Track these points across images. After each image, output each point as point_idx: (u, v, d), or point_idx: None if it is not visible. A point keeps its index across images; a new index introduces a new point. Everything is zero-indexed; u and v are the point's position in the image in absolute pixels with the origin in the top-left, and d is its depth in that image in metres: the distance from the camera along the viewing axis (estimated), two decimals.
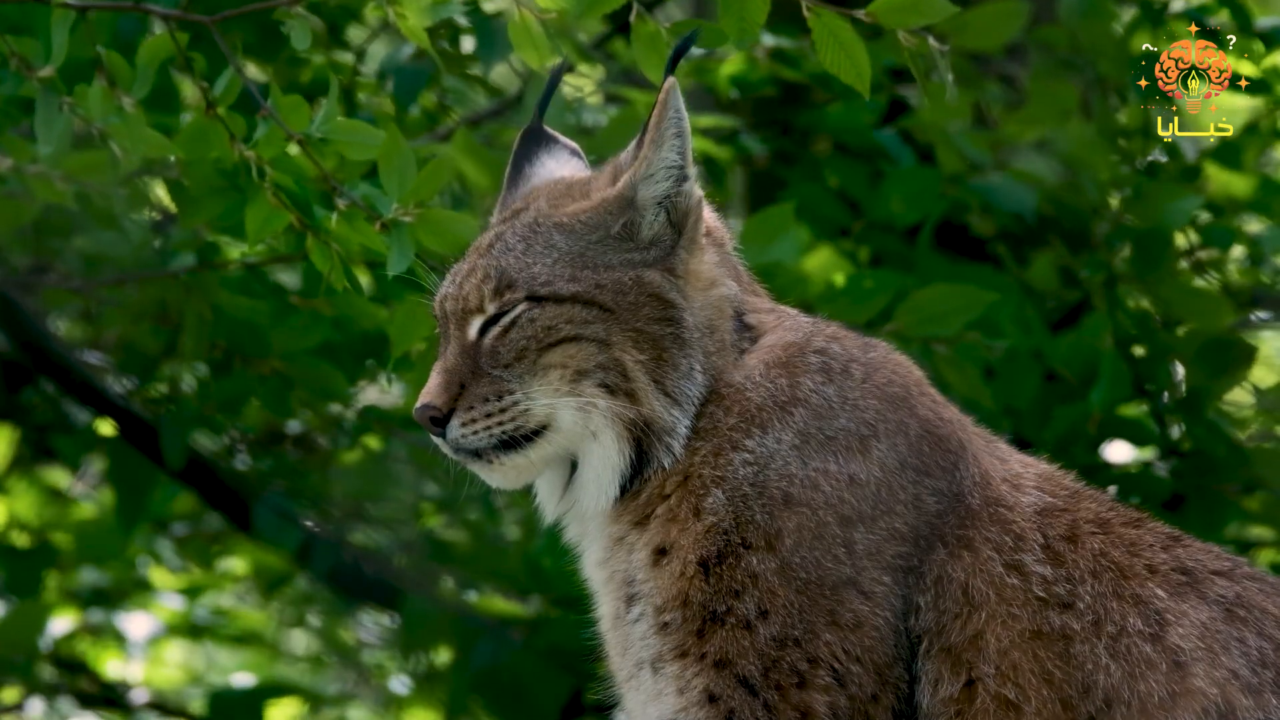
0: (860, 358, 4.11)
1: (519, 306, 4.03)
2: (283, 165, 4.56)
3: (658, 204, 4.08)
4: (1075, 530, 4.05)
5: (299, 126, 4.53)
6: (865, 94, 4.44)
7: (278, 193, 4.55)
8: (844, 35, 4.42)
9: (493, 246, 4.09)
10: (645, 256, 4.07)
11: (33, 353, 6.78)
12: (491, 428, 4.03)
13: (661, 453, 4.03)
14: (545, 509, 4.18)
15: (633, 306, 4.04)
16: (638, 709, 4.07)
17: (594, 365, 4.02)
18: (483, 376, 4.03)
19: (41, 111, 4.60)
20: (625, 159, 4.13)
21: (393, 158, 4.45)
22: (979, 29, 6.66)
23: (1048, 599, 3.99)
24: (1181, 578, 4.03)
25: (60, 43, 4.55)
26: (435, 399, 4.03)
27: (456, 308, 4.07)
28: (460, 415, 4.03)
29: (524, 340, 4.02)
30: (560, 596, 6.70)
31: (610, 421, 4.03)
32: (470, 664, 6.82)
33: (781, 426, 4.02)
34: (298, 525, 6.90)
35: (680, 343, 4.05)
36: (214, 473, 6.95)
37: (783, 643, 3.94)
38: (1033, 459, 4.20)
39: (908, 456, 4.04)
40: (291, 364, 6.15)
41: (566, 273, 4.04)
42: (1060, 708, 3.95)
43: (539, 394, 4.03)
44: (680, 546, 4.00)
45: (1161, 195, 6.45)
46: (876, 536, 3.99)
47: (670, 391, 4.04)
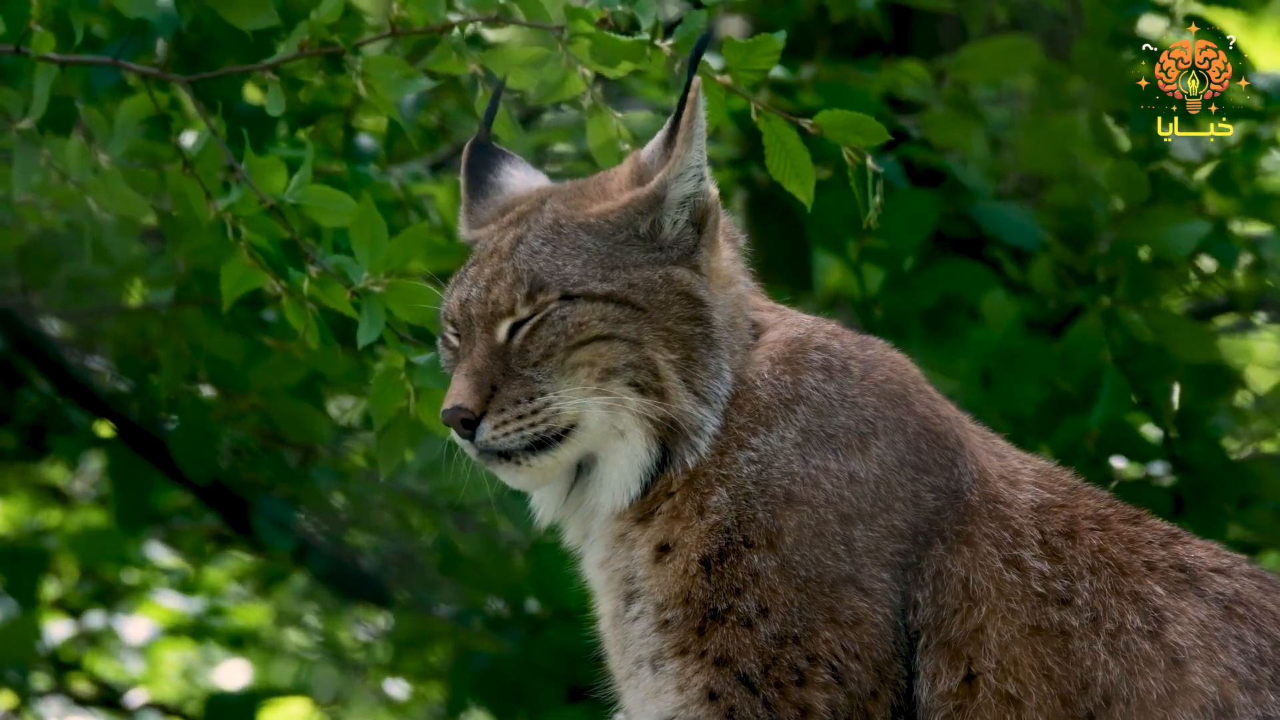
0: (859, 355, 4.12)
1: (550, 306, 4.01)
2: (257, 226, 4.57)
3: (681, 203, 4.09)
4: (1073, 526, 4.06)
5: (275, 188, 4.54)
6: (808, 202, 4.46)
7: (253, 253, 4.56)
8: (790, 141, 4.44)
9: (515, 250, 4.07)
10: (669, 255, 4.07)
11: (29, 354, 6.78)
12: (523, 429, 4.01)
13: (686, 452, 4.03)
14: (543, 511, 4.16)
15: (664, 305, 4.03)
16: (636, 707, 4.07)
17: (624, 364, 4.01)
18: (513, 378, 4.01)
19: (19, 161, 4.62)
20: (647, 158, 4.13)
21: (365, 227, 4.46)
22: (988, 63, 6.69)
23: (1046, 595, 3.99)
24: (1180, 575, 4.04)
25: (41, 95, 4.56)
26: (467, 401, 4.00)
27: (484, 311, 4.04)
28: (492, 417, 4.00)
29: (553, 337, 4.00)
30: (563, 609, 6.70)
31: (639, 420, 4.02)
32: (469, 665, 6.83)
33: (785, 425, 4.03)
34: (294, 530, 6.90)
35: (709, 342, 4.05)
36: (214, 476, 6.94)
37: (782, 640, 3.94)
38: (1030, 456, 4.21)
39: (906, 454, 4.05)
40: (270, 401, 6.16)
41: (598, 272, 4.02)
42: (1059, 703, 3.95)
43: (569, 393, 4.01)
44: (684, 544, 4.00)
45: (1164, 219, 6.45)
46: (875, 534, 3.99)
47: (699, 390, 4.03)
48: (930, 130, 6.63)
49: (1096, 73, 6.57)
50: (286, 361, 5.83)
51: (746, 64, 4.44)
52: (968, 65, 6.71)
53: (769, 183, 6.61)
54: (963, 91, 6.73)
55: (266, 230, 4.57)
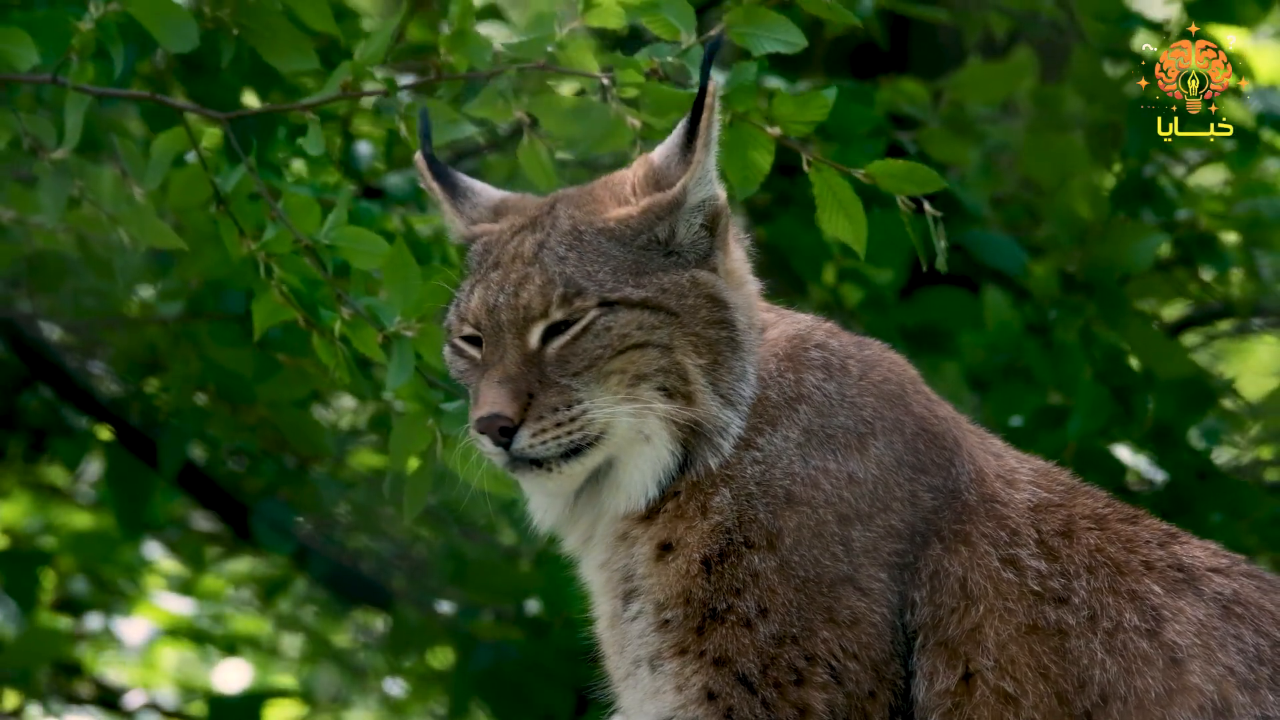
0: (857, 354, 4.13)
1: (591, 313, 4.00)
2: (290, 265, 4.56)
3: (697, 207, 4.09)
4: (1071, 526, 4.06)
5: (309, 228, 4.53)
6: (861, 253, 4.44)
7: (285, 290, 4.56)
8: (843, 194, 4.43)
9: (539, 255, 4.05)
10: (686, 259, 4.07)
11: (28, 358, 6.79)
12: (560, 437, 3.98)
13: (710, 454, 4.02)
14: (545, 517, 4.15)
15: (693, 309, 4.03)
16: (634, 707, 4.07)
17: (655, 370, 4.00)
18: (550, 386, 3.98)
19: (51, 190, 4.60)
20: (662, 162, 4.12)
21: (397, 270, 4.44)
22: (984, 85, 6.70)
23: (1043, 593, 4.00)
24: (1178, 574, 4.04)
25: (75, 125, 4.54)
26: (506, 409, 3.97)
27: (515, 316, 4.01)
28: (530, 425, 3.97)
29: (599, 349, 3.99)
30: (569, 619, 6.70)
31: (664, 424, 4.01)
32: (470, 666, 6.83)
33: (789, 424, 4.04)
34: (294, 536, 6.90)
35: (734, 345, 4.05)
36: (213, 480, 6.95)
37: (781, 640, 3.95)
38: (1027, 455, 4.21)
39: (904, 454, 4.05)
40: (278, 414, 6.15)
41: (630, 279, 4.02)
42: (1056, 702, 3.95)
43: (603, 401, 3.99)
44: (686, 544, 4.00)
45: (1124, 234, 6.47)
46: (873, 534, 4.00)
47: (724, 393, 4.03)
48: (927, 146, 6.65)
49: (1091, 87, 6.59)
50: (296, 375, 5.83)
51: (798, 116, 4.42)
52: (965, 86, 6.73)
53: (769, 201, 6.65)
54: (959, 110, 6.75)
55: (299, 270, 4.56)
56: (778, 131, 4.43)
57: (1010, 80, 6.74)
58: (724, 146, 4.28)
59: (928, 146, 6.63)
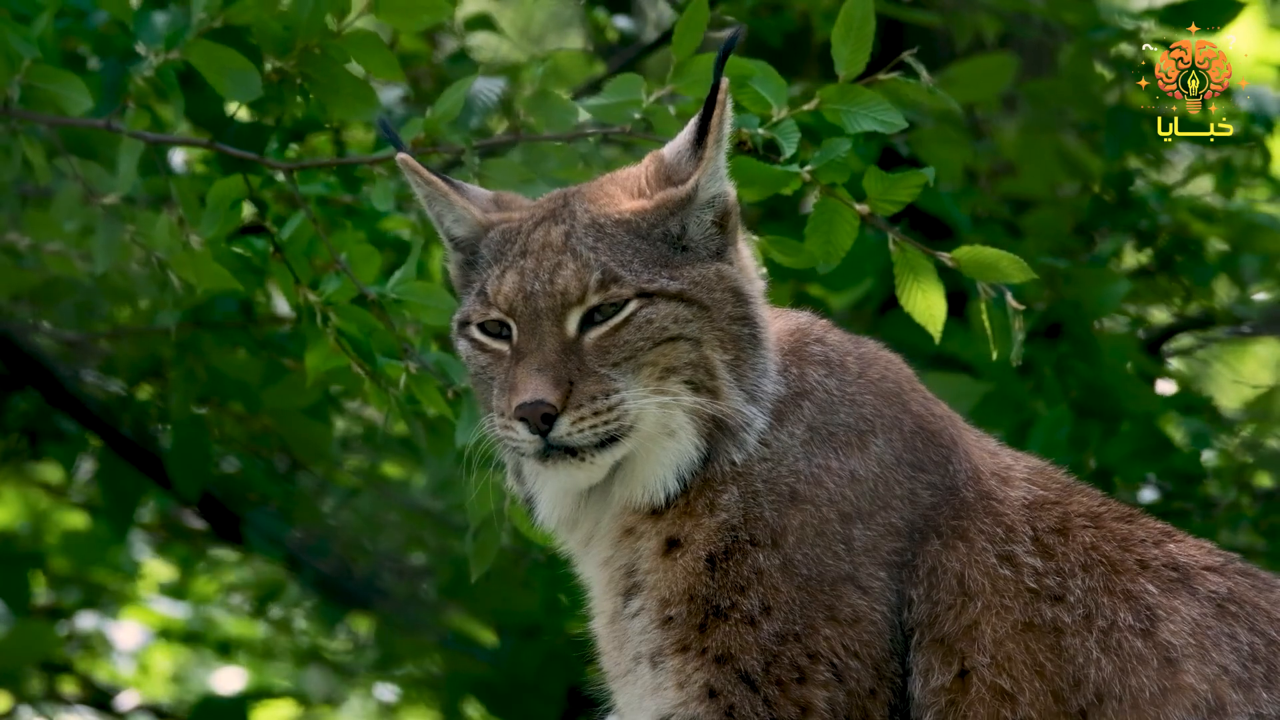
0: (854, 351, 4.14)
1: (631, 304, 4.00)
2: (348, 314, 4.56)
3: (708, 203, 4.10)
4: (1066, 524, 4.07)
5: (369, 277, 4.52)
6: (936, 337, 4.42)
7: (339, 338, 4.55)
8: (924, 275, 4.41)
9: (569, 243, 4.05)
10: (699, 254, 4.09)
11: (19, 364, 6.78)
12: (597, 426, 3.97)
13: (733, 449, 4.03)
14: (555, 511, 4.13)
15: (720, 303, 4.04)
16: (632, 704, 4.07)
17: (684, 363, 4.01)
18: (589, 375, 3.98)
19: (103, 236, 4.59)
20: (673, 158, 4.13)
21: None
22: (968, 82, 6.71)
23: (1039, 591, 4.01)
24: (1173, 573, 4.05)
25: (128, 171, 4.54)
26: (550, 395, 3.96)
27: (553, 303, 4.00)
28: (571, 413, 3.97)
29: (640, 340, 3.99)
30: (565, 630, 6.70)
31: (690, 418, 4.02)
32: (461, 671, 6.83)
33: (795, 420, 4.05)
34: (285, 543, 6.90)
35: (756, 341, 4.06)
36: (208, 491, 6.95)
37: (784, 638, 3.95)
38: (1023, 453, 4.23)
39: (903, 452, 4.07)
40: (283, 421, 6.15)
41: (663, 270, 4.03)
42: (1052, 700, 3.96)
43: (637, 392, 3.99)
44: (693, 541, 4.01)
45: (1090, 280, 6.49)
46: (874, 532, 4.01)
47: (748, 389, 4.03)
48: (919, 148, 6.67)
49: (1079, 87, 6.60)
50: (301, 382, 5.82)
51: (887, 195, 4.41)
52: (950, 84, 6.75)
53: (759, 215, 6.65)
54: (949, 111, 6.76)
55: (357, 319, 4.56)
56: (865, 210, 4.42)
57: (991, 79, 6.74)
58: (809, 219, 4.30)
59: (919, 149, 6.65)
